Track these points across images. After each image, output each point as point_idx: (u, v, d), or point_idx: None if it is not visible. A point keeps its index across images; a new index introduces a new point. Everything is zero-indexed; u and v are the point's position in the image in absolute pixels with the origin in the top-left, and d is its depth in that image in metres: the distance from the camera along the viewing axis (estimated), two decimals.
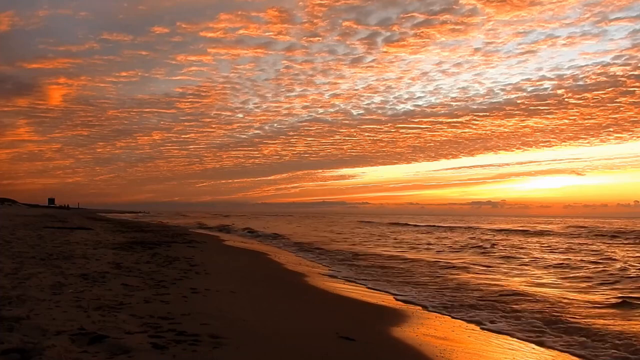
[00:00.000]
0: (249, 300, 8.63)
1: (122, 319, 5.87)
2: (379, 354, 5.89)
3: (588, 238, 33.86)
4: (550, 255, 21.22)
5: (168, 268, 11.49)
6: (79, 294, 7.26)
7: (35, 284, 7.83)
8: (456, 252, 23.05)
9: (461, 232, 42.26)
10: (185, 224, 52.04)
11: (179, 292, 8.25)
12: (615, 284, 12.99)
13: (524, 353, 6.59)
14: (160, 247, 17.58)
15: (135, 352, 4.58)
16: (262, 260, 17.33)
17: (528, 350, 6.75)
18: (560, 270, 15.72)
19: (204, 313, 6.61)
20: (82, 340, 4.84)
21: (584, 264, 17.16)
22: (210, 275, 10.93)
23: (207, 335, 5.37)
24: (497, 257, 20.31)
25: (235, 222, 59.96)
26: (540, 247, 25.93)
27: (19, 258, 11.17)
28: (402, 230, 46.85)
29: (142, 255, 14.18)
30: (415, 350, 6.17)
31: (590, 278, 13.95)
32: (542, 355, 6.62)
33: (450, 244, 28.28)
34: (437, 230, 46.95)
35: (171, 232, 30.43)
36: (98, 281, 8.67)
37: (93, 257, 12.67)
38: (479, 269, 16.06)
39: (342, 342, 6.05)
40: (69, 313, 5.95)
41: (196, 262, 13.12)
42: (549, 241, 30.57)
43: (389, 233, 40.36)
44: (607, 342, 7.09)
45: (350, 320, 7.78)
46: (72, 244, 16.13)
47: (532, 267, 16.85)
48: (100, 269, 10.33)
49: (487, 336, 7.41)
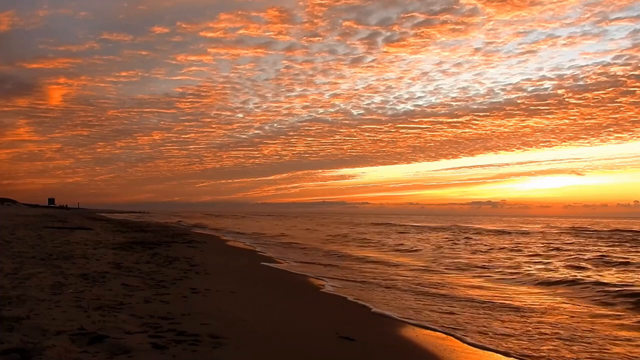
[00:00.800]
0: (249, 300, 8.63)
1: (122, 319, 5.87)
2: (379, 353, 5.88)
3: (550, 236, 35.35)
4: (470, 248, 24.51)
5: (168, 268, 11.50)
6: (79, 294, 7.26)
7: (35, 284, 7.83)
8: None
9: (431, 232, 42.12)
10: (157, 222, 52.98)
11: (179, 292, 8.25)
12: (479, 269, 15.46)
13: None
14: (160, 247, 17.59)
15: (135, 352, 4.58)
16: (264, 260, 17.32)
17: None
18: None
19: (204, 313, 6.62)
20: (82, 340, 4.84)
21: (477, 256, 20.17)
22: (210, 275, 10.93)
23: (207, 335, 5.38)
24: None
25: (203, 221, 62.64)
26: (484, 245, 26.98)
27: (19, 258, 11.17)
28: (375, 229, 47.12)
29: (142, 255, 14.18)
30: (417, 349, 6.17)
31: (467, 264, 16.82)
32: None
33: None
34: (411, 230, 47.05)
35: (171, 232, 30.44)
36: (98, 281, 8.67)
37: (93, 257, 12.67)
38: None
39: (342, 342, 6.05)
40: (69, 313, 5.95)
41: (196, 262, 13.12)
42: (504, 241, 31.13)
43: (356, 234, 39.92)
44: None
45: (350, 320, 7.77)
46: (72, 244, 16.13)
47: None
48: (100, 269, 10.33)
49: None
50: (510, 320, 8.12)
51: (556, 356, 6.12)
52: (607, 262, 17.20)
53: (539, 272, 14.64)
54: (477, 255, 20.63)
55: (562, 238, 33.04)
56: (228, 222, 63.79)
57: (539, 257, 19.37)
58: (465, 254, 20.83)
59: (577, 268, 15.71)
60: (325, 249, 22.79)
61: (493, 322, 7.91)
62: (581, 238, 32.88)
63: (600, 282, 12.28)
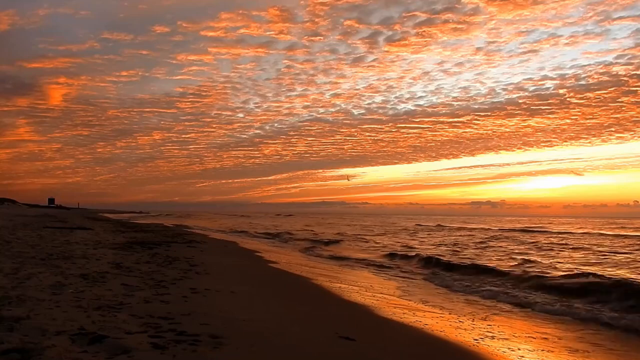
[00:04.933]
0: (249, 300, 8.63)
1: (122, 319, 5.87)
2: (379, 353, 5.88)
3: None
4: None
5: (168, 268, 11.49)
6: (79, 294, 7.26)
7: (35, 284, 7.83)
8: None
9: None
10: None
11: (179, 292, 8.25)
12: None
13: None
14: (160, 247, 17.57)
15: (135, 352, 4.58)
16: (263, 260, 17.33)
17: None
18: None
19: (204, 313, 6.61)
20: (82, 340, 4.84)
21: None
22: (210, 275, 10.93)
23: (207, 335, 5.37)
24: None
25: (186, 221, 64.17)
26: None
27: (19, 258, 11.17)
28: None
29: (142, 255, 14.17)
30: (418, 348, 6.17)
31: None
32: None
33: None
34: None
35: (171, 232, 30.44)
36: (98, 281, 8.66)
37: (93, 257, 12.66)
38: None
39: (342, 342, 6.05)
40: (69, 313, 5.95)
41: (196, 262, 13.11)
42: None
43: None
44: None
45: (350, 320, 7.78)
46: (72, 244, 16.13)
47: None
48: (100, 269, 10.33)
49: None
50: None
51: None
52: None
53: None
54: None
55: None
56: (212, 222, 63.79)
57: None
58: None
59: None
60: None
61: None
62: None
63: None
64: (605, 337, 8.16)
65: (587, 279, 13.29)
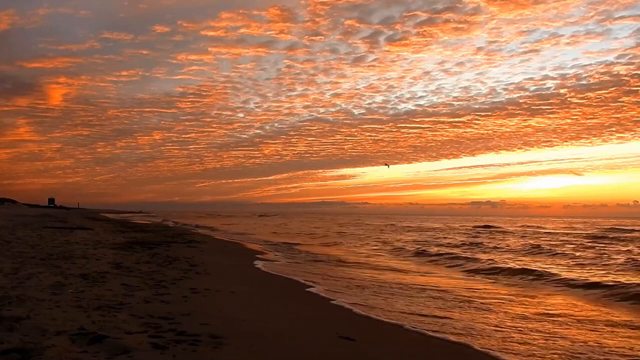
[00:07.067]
0: (249, 300, 8.63)
1: (122, 319, 5.87)
2: (379, 353, 5.88)
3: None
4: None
5: (168, 268, 11.49)
6: (79, 294, 7.26)
7: (35, 284, 7.83)
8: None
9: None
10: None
11: (179, 292, 8.25)
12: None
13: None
14: (160, 247, 17.58)
15: (135, 352, 4.58)
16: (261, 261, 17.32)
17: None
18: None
19: (204, 313, 6.62)
20: (82, 340, 4.84)
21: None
22: (210, 275, 10.93)
23: (207, 335, 5.37)
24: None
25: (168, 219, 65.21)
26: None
27: (19, 258, 11.17)
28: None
29: (142, 255, 14.18)
30: (417, 348, 6.17)
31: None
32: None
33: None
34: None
35: (171, 232, 30.43)
36: (98, 281, 8.66)
37: (93, 257, 12.67)
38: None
39: (342, 342, 6.05)
40: (69, 313, 5.95)
41: (196, 262, 13.11)
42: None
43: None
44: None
45: (350, 320, 7.77)
46: (72, 244, 16.13)
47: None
48: (100, 269, 10.33)
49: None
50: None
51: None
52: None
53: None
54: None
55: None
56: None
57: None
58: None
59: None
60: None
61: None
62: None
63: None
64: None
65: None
